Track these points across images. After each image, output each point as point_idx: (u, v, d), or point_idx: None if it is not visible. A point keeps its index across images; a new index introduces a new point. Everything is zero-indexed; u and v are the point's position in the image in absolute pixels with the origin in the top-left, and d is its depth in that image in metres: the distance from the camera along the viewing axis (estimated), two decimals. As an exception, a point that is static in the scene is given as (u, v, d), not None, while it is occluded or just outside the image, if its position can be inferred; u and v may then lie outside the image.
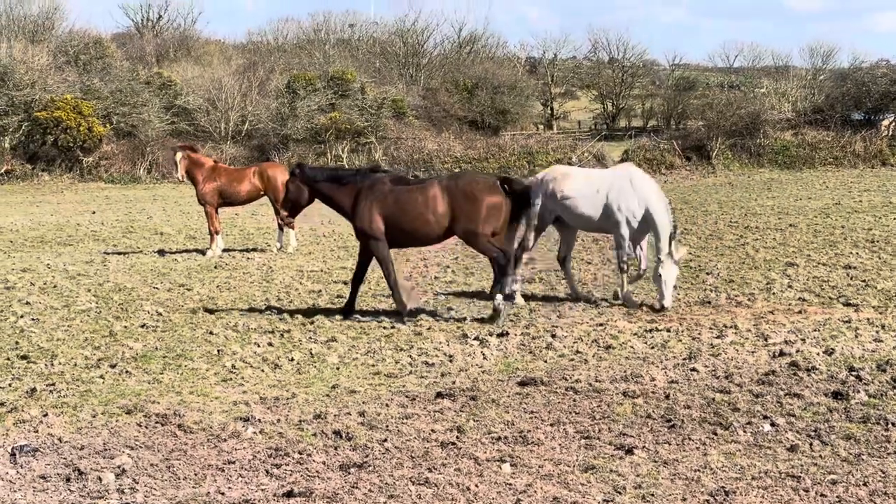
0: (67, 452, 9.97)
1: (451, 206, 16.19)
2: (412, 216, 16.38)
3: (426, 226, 16.38)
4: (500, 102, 78.20)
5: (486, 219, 16.11)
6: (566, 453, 9.72)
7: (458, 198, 16.18)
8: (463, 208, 16.13)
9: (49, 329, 16.00)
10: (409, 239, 16.91)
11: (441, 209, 16.23)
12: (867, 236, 25.68)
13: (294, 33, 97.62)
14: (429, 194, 16.30)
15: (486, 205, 16.09)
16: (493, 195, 16.17)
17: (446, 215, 16.24)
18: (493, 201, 16.15)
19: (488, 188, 16.24)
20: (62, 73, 63.31)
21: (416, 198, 16.35)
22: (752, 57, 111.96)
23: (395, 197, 16.49)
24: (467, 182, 16.42)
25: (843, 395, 11.23)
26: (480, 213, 16.08)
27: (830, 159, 61.63)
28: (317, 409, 11.27)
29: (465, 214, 16.13)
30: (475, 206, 16.08)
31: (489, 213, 16.10)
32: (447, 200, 16.21)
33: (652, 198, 17.04)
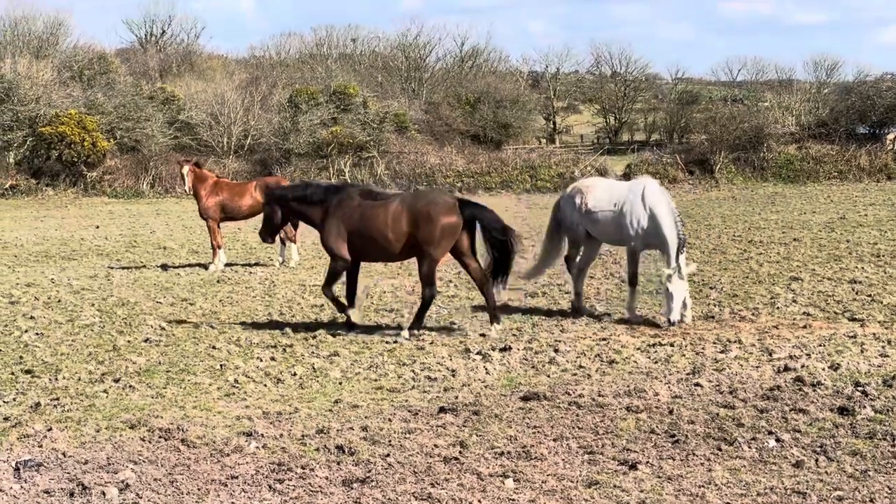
0: (71, 467, 9.95)
1: (410, 224, 16.29)
2: (374, 231, 16.50)
3: (386, 241, 16.50)
4: (502, 116, 78.29)
5: (441, 241, 16.26)
6: (569, 468, 9.70)
7: (416, 217, 16.26)
8: (420, 228, 16.24)
9: (53, 343, 16.00)
10: (372, 254, 17.01)
11: (401, 226, 16.33)
12: (872, 251, 25.63)
13: (296, 48, 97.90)
14: (390, 210, 16.42)
15: (441, 226, 16.18)
16: (449, 217, 16.25)
17: (406, 233, 16.34)
18: (449, 223, 16.25)
19: (446, 210, 16.30)
20: (66, 88, 63.43)
21: (379, 213, 16.47)
22: (756, 70, 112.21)
23: (361, 212, 16.61)
24: (427, 202, 16.49)
25: (849, 411, 11.20)
26: (436, 234, 16.20)
27: (835, 173, 61.58)
28: (319, 423, 11.25)
29: (422, 235, 16.25)
30: (432, 228, 16.18)
31: (444, 234, 16.23)
32: (407, 218, 16.30)
33: (660, 211, 16.96)
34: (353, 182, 16.97)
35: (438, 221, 16.16)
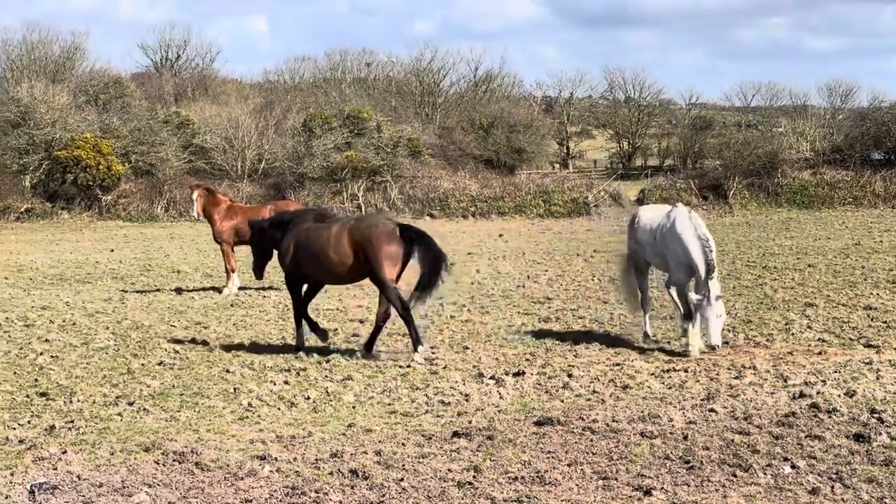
0: (86, 490, 9.96)
1: (353, 247, 16.53)
2: (317, 252, 16.79)
3: (330, 262, 16.75)
4: (515, 141, 78.38)
5: (383, 263, 16.43)
6: (584, 494, 9.66)
7: (358, 241, 16.52)
8: (362, 252, 16.49)
9: (68, 366, 16.03)
10: (319, 274, 17.23)
11: (342, 248, 16.57)
12: (888, 277, 25.55)
13: (311, 72, 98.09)
14: (332, 232, 16.74)
15: (383, 251, 16.39)
16: (389, 242, 16.47)
17: (349, 255, 16.57)
18: (389, 248, 16.44)
19: (386, 235, 16.52)
20: (82, 112, 63.78)
21: (322, 234, 16.80)
22: (770, 96, 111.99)
23: (308, 234, 16.99)
24: (367, 227, 16.73)
25: (865, 438, 11.14)
26: (379, 258, 16.40)
27: (850, 199, 61.47)
28: (333, 447, 11.24)
29: (366, 259, 16.49)
30: (373, 251, 16.41)
31: (386, 257, 16.41)
32: (349, 241, 16.56)
33: (687, 237, 16.92)
34: (320, 207, 17.26)
35: (379, 246, 16.41)
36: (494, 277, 27.91)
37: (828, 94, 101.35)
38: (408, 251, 16.63)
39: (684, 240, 16.90)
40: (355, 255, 16.53)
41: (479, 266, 31.12)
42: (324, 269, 17.00)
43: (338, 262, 16.68)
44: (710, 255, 16.70)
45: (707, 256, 16.69)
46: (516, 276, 28.06)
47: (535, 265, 31.37)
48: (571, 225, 53.57)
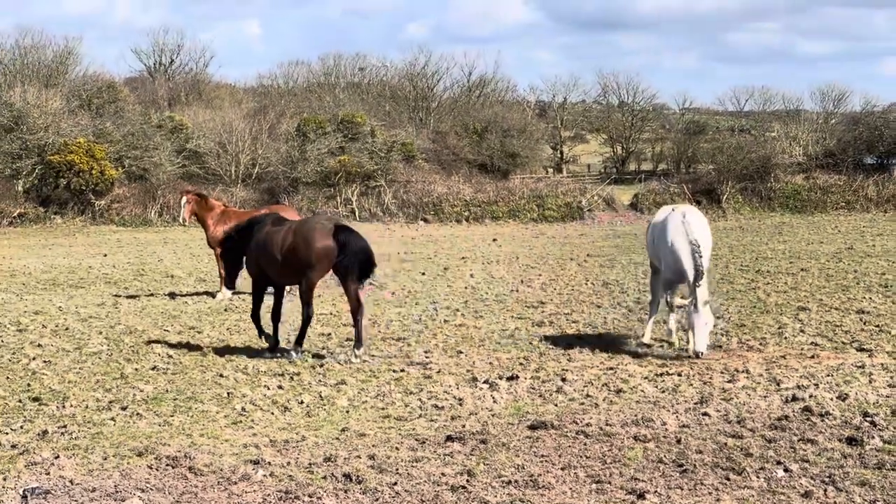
0: (79, 495, 9.95)
1: (293, 248, 16.91)
2: (269, 255, 17.22)
3: (278, 264, 17.16)
4: (509, 146, 78.38)
5: (316, 264, 16.81)
6: (577, 498, 9.67)
7: (297, 241, 16.91)
8: (299, 252, 16.84)
9: (61, 371, 16.01)
10: (275, 276, 17.54)
11: (286, 250, 16.96)
12: (880, 281, 25.61)
13: (304, 77, 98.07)
14: (281, 235, 17.17)
15: (316, 250, 16.73)
16: (324, 241, 16.78)
17: (291, 256, 16.94)
18: (324, 247, 16.76)
19: (322, 235, 16.83)
20: (75, 116, 63.68)
21: (273, 238, 17.22)
22: (763, 101, 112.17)
23: (263, 237, 17.43)
24: (307, 227, 17.14)
25: (858, 441, 11.16)
26: (311, 258, 16.78)
27: (842, 203, 61.64)
28: (327, 451, 11.24)
29: (300, 258, 16.85)
30: (308, 251, 16.77)
31: (319, 258, 16.77)
32: (290, 242, 16.97)
33: (678, 241, 16.92)
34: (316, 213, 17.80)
35: (314, 245, 16.71)
36: (488, 282, 27.92)
37: (820, 99, 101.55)
38: (339, 252, 16.81)
39: (675, 243, 16.91)
40: (295, 255, 16.87)
41: (472, 270, 31.13)
42: (278, 272, 17.34)
43: (283, 263, 17.06)
44: (699, 261, 16.65)
45: (696, 261, 16.66)
46: (510, 281, 28.07)
47: (528, 269, 31.38)
48: (565, 229, 53.60)
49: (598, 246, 41.05)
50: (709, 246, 17.51)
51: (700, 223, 17.44)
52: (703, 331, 16.36)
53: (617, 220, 59.73)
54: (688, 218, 17.18)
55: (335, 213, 58.82)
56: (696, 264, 16.63)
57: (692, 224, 17.08)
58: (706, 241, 17.35)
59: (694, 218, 17.38)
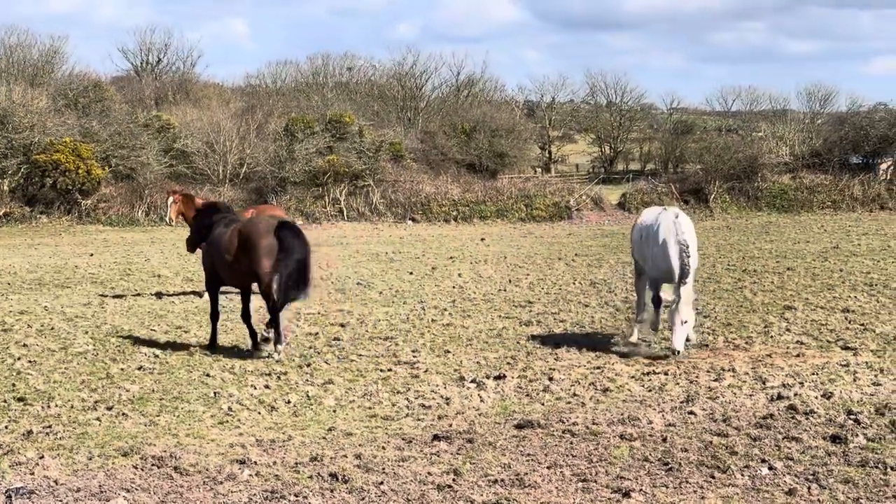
0: (63, 495, 9.93)
1: (239, 247, 17.11)
2: (219, 254, 17.52)
3: (227, 264, 17.39)
4: (497, 145, 78.36)
5: (262, 259, 16.87)
6: (563, 496, 9.68)
7: (242, 239, 17.14)
8: (245, 250, 17.03)
9: (46, 371, 15.97)
10: (228, 276, 17.74)
11: (233, 249, 17.18)
12: (865, 280, 25.69)
13: (292, 76, 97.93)
14: (229, 234, 17.41)
15: (260, 247, 16.86)
16: (266, 237, 16.92)
17: (238, 255, 17.13)
18: (267, 243, 16.87)
19: (264, 231, 17.02)
20: (61, 115, 63.46)
21: (224, 237, 17.48)
22: (750, 101, 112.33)
23: (216, 237, 17.76)
24: (250, 224, 17.46)
25: (842, 439, 11.20)
26: (257, 254, 16.89)
27: (829, 203, 61.82)
28: (313, 451, 11.24)
29: (248, 256, 17.00)
30: (252, 248, 16.92)
31: (263, 253, 16.87)
32: (238, 241, 17.18)
33: (669, 241, 16.94)
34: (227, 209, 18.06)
35: (258, 241, 16.88)
36: (476, 281, 27.92)
37: (807, 99, 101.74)
38: (281, 248, 16.90)
39: (667, 242, 16.95)
40: (241, 254, 17.06)
41: (460, 270, 31.14)
42: (229, 271, 17.52)
43: (234, 261, 17.23)
44: (686, 261, 16.69)
45: (683, 261, 16.70)
46: (498, 280, 28.08)
47: (516, 269, 31.39)
48: (553, 229, 53.65)
49: (585, 245, 41.09)
50: (695, 247, 17.58)
51: (689, 224, 17.51)
52: (681, 330, 16.38)
53: (605, 219, 59.82)
54: (679, 219, 17.25)
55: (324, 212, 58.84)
56: (683, 263, 16.68)
57: (682, 225, 17.14)
58: (693, 242, 17.41)
59: (684, 219, 17.47)
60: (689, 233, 17.27)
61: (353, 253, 38.85)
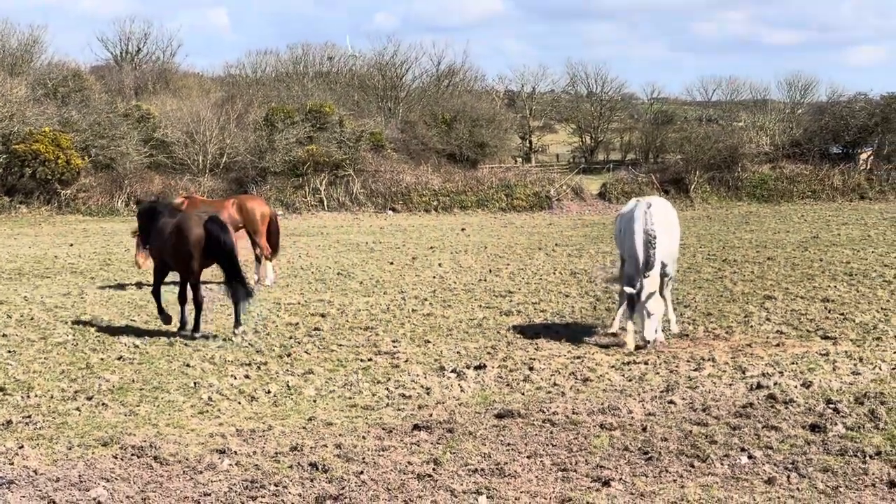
0: (43, 485, 9.90)
1: (173, 238, 18.01)
2: (159, 245, 18.48)
3: (167, 254, 18.32)
4: (478, 135, 78.36)
5: (192, 252, 17.80)
6: (543, 486, 9.70)
7: (175, 232, 18.03)
8: (179, 242, 17.93)
9: (26, 361, 15.91)
10: (170, 264, 18.61)
11: (171, 240, 18.08)
12: (845, 269, 25.80)
13: (272, 66, 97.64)
14: (170, 225, 18.28)
15: (190, 240, 17.75)
16: (196, 230, 17.82)
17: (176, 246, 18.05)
18: (196, 236, 17.78)
19: (194, 225, 17.89)
20: (40, 105, 63.11)
21: (167, 227, 18.32)
22: (731, 91, 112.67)
23: (160, 226, 18.56)
24: (185, 219, 18.22)
25: (821, 428, 11.25)
26: (187, 247, 17.80)
27: (809, 193, 62.05)
28: (293, 441, 11.23)
29: (179, 248, 17.93)
30: (184, 241, 17.83)
31: (193, 247, 17.77)
32: (175, 232, 18.06)
33: (636, 230, 16.94)
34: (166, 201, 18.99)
35: (189, 235, 17.76)
36: (456, 271, 27.93)
37: (787, 89, 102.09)
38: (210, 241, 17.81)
39: (634, 232, 16.95)
40: (180, 242, 17.90)
41: (440, 260, 31.14)
42: (170, 261, 18.41)
43: (174, 252, 18.10)
44: (651, 253, 16.64)
45: (647, 252, 16.66)
46: (478, 270, 28.10)
47: (497, 259, 31.42)
48: (533, 219, 53.69)
49: (566, 235, 41.14)
50: (674, 237, 17.58)
51: (662, 214, 17.43)
52: (648, 321, 16.39)
53: (585, 209, 59.90)
54: (651, 209, 17.20)
55: (304, 202, 58.80)
56: (648, 255, 16.66)
57: (654, 215, 17.08)
58: (671, 232, 17.39)
59: (657, 209, 17.40)
60: (664, 223, 17.22)
61: (333, 243, 38.82)
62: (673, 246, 17.45)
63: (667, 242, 17.14)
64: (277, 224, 26.41)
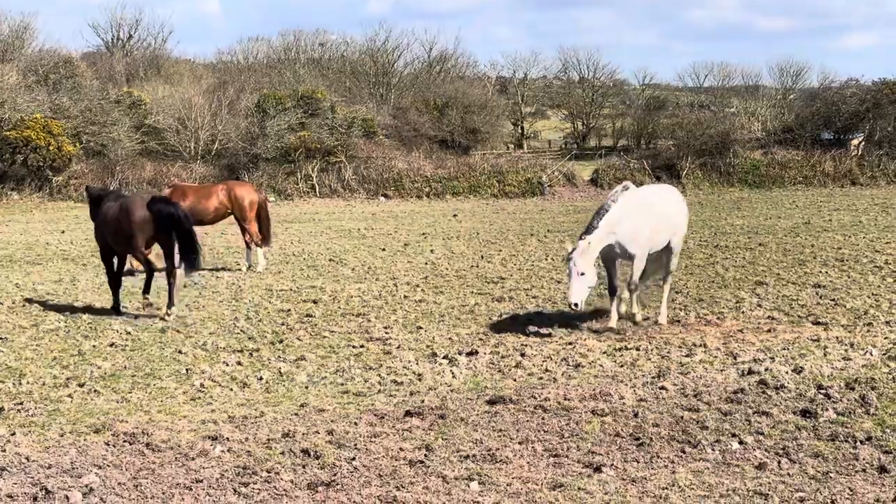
0: (35, 471, 9.90)
1: (116, 220, 18.91)
2: (107, 226, 19.21)
3: (110, 235, 19.21)
4: (470, 122, 78.35)
5: (135, 232, 18.64)
6: (534, 471, 9.72)
7: (119, 213, 18.86)
8: (121, 223, 18.81)
9: (17, 348, 15.90)
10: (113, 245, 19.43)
11: (114, 223, 18.99)
12: (837, 255, 25.85)
13: (264, 52, 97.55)
14: (113, 209, 19.16)
15: (132, 221, 18.63)
16: (140, 212, 18.63)
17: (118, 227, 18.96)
18: (140, 217, 18.60)
19: (138, 206, 18.75)
20: (32, 92, 62.93)
21: (111, 210, 19.15)
22: (722, 77, 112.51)
23: (104, 211, 19.40)
24: (127, 201, 19.20)
25: (812, 414, 11.28)
26: (131, 227, 18.65)
27: (800, 178, 62.16)
28: (285, 427, 11.23)
29: (123, 228, 18.83)
30: (127, 222, 18.70)
31: (136, 227, 18.61)
32: (117, 215, 18.93)
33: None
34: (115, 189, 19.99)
35: (132, 216, 18.60)
36: (448, 257, 27.95)
37: (779, 75, 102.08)
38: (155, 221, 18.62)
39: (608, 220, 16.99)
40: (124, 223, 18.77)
41: (432, 246, 31.15)
42: (114, 240, 19.21)
43: (116, 233, 18.95)
44: (595, 221, 16.77)
45: (593, 219, 16.86)
46: (470, 256, 28.11)
47: (488, 245, 31.44)
48: (525, 205, 53.72)
49: (558, 221, 41.17)
50: (656, 225, 17.39)
51: (641, 199, 17.35)
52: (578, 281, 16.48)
53: (577, 195, 59.95)
54: (627, 192, 17.24)
55: (296, 188, 58.77)
56: (592, 222, 16.84)
57: (626, 196, 17.07)
58: (649, 218, 17.20)
59: (641, 194, 17.51)
60: (642, 206, 17.14)
61: (325, 229, 38.81)
62: (643, 231, 17.18)
63: (634, 226, 16.95)
64: (268, 211, 26.33)
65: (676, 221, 18.10)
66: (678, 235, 18.23)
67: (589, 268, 16.54)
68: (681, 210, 18.40)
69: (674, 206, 18.24)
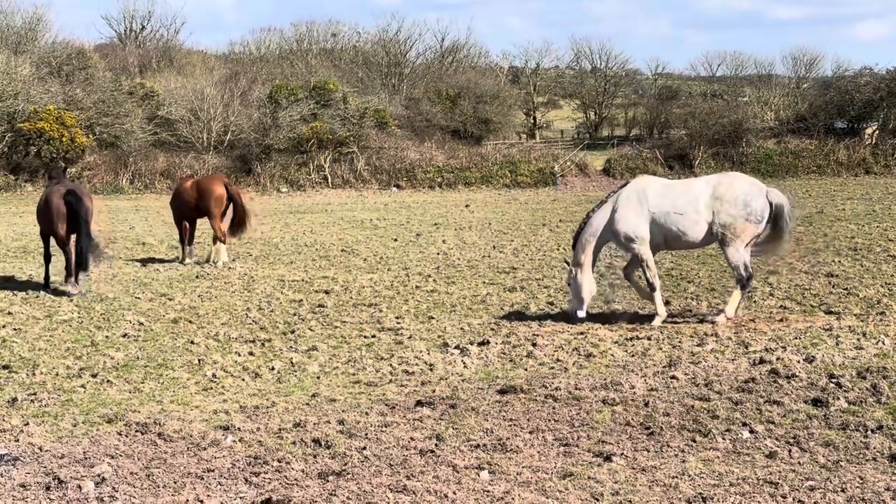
0: (48, 461, 9.95)
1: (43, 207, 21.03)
2: (40, 212, 21.26)
3: (43, 220, 21.15)
4: (482, 112, 78.33)
5: (56, 221, 20.63)
6: (545, 461, 9.74)
7: (44, 202, 20.94)
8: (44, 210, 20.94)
9: (31, 339, 15.96)
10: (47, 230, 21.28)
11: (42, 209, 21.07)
12: (850, 244, 25.79)
13: (276, 43, 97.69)
14: (43, 197, 21.24)
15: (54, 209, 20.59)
16: (58, 201, 20.53)
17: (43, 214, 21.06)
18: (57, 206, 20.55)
19: (56, 196, 20.58)
20: (45, 83, 63.11)
21: (41, 198, 21.24)
22: (735, 66, 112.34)
23: (43, 198, 21.35)
24: (49, 191, 21.06)
25: (823, 402, 11.26)
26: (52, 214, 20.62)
27: (814, 168, 61.96)
28: (296, 417, 11.27)
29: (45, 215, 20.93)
30: (48, 210, 20.71)
31: (56, 216, 20.57)
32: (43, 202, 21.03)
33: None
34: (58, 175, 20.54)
35: (51, 206, 20.62)
36: (460, 248, 27.96)
37: (792, 64, 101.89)
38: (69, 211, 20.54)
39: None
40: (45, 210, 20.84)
41: (444, 236, 31.17)
42: (42, 223, 21.21)
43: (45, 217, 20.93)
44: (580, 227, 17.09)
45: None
46: (482, 247, 28.12)
47: (500, 235, 31.44)
48: (537, 195, 53.69)
49: (570, 211, 41.13)
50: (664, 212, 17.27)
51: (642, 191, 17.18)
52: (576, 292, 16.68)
53: (590, 185, 59.88)
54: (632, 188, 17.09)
55: (308, 179, 58.78)
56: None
57: (630, 189, 17.01)
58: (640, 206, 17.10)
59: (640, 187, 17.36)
60: (633, 198, 16.92)
61: (337, 220, 38.85)
62: (628, 221, 16.95)
63: (618, 217, 16.87)
64: (241, 201, 25.41)
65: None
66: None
67: (588, 278, 16.77)
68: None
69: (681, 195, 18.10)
